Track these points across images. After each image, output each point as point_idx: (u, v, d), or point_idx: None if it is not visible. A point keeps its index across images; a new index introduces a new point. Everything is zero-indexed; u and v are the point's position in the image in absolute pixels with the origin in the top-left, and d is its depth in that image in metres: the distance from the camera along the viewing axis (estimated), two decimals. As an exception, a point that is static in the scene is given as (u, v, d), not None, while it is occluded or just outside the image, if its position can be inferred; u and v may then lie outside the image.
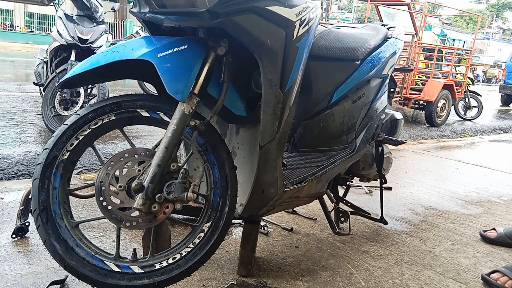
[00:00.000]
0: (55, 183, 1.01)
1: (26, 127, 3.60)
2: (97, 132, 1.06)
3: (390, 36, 1.77)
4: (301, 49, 1.13)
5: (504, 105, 11.45)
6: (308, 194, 1.44)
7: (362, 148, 1.61)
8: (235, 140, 1.36)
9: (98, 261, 1.03)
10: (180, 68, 1.02)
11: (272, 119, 1.12)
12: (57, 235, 1.00)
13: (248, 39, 1.02)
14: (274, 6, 1.02)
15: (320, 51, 1.44)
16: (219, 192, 1.15)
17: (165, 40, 1.03)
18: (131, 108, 1.08)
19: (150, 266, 1.07)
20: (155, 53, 0.99)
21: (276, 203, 1.28)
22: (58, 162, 1.01)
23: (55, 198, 1.01)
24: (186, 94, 1.02)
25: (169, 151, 1.02)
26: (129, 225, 1.04)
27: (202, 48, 1.06)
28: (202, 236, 1.14)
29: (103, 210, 1.02)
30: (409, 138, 5.12)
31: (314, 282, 1.43)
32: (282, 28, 1.06)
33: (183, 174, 1.05)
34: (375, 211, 1.99)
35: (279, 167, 1.20)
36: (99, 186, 1.02)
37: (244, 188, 1.22)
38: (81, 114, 1.04)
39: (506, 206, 2.52)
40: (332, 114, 1.53)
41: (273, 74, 1.08)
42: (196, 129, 1.08)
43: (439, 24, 36.90)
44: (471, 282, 1.54)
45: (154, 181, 1.01)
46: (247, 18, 0.98)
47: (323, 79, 1.50)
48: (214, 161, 1.14)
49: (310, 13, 1.14)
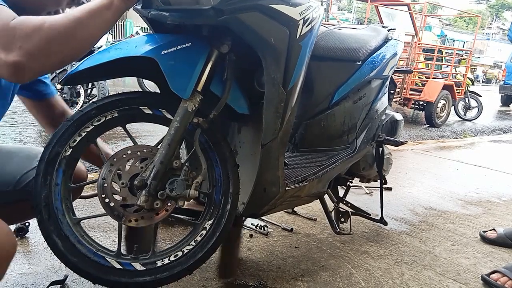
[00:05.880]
0: (57, 180, 1.01)
1: (26, 127, 3.60)
2: (100, 129, 1.06)
3: (391, 37, 1.77)
4: (304, 48, 1.13)
5: (504, 105, 11.45)
6: (309, 193, 1.45)
7: (362, 148, 1.62)
8: (237, 138, 1.36)
9: (99, 258, 1.02)
10: (183, 66, 1.02)
11: (275, 117, 1.12)
12: (59, 231, 1.00)
13: (252, 37, 1.02)
14: (278, 4, 1.03)
15: (322, 51, 1.44)
16: (221, 190, 1.15)
17: (168, 37, 1.03)
18: (134, 106, 1.08)
19: (152, 263, 1.07)
20: (158, 50, 0.99)
21: (277, 202, 1.28)
22: (60, 158, 1.01)
23: (57, 194, 1.01)
24: (190, 92, 1.02)
25: (171, 148, 1.02)
26: (131, 222, 1.04)
27: (205, 46, 1.06)
28: (204, 234, 1.13)
29: (105, 207, 1.02)
30: (409, 138, 5.12)
31: (314, 282, 1.43)
32: (286, 27, 1.07)
33: (186, 172, 1.05)
34: (375, 212, 1.99)
35: (281, 166, 1.20)
36: (101, 183, 1.02)
37: (245, 187, 1.22)
38: (84, 111, 1.03)
39: (506, 207, 2.52)
40: (333, 114, 1.54)
41: (276, 73, 1.08)
42: (198, 127, 1.08)
43: (439, 24, 36.93)
44: (471, 283, 1.54)
45: (156, 178, 1.01)
46: (252, 15, 0.99)
47: (324, 79, 1.50)
48: (216, 159, 1.14)
49: (313, 12, 1.15)
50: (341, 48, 1.51)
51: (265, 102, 1.10)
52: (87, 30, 0.91)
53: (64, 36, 0.86)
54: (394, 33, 1.81)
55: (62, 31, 0.86)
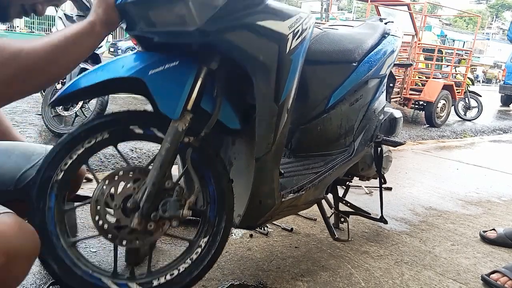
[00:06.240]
0: (50, 204, 0.99)
1: (26, 128, 3.60)
2: (91, 150, 1.04)
3: (388, 32, 1.73)
4: (295, 61, 1.11)
5: (504, 105, 11.45)
6: (306, 201, 1.44)
7: (360, 151, 1.60)
8: (231, 150, 1.33)
9: (96, 280, 1.02)
10: (172, 86, 0.99)
11: (268, 132, 1.10)
12: (54, 255, 0.99)
13: (240, 55, 1.00)
14: (266, 20, 0.99)
15: (316, 56, 1.42)
16: (215, 207, 1.14)
17: (155, 56, 1.01)
18: (124, 126, 1.06)
19: (148, 283, 1.07)
20: (145, 70, 0.97)
21: (274, 213, 1.26)
22: (52, 182, 0.99)
23: (51, 218, 0.99)
24: (179, 112, 1.00)
25: (163, 169, 1.00)
26: (126, 243, 1.03)
27: (194, 63, 1.03)
28: (200, 252, 1.13)
29: (99, 229, 1.01)
30: (409, 138, 5.12)
31: (314, 282, 1.43)
32: (275, 42, 1.04)
33: (178, 192, 1.03)
34: (375, 211, 1.99)
35: (276, 178, 1.18)
36: (94, 205, 1.00)
37: (241, 198, 1.21)
38: (74, 133, 1.02)
39: (506, 207, 2.52)
40: (330, 118, 1.52)
41: (266, 88, 1.06)
42: (190, 146, 1.06)
43: (439, 24, 36.92)
44: (471, 283, 1.54)
45: (149, 200, 0.99)
46: (238, 35, 0.96)
47: (319, 83, 1.48)
48: (209, 176, 1.13)
49: (303, 24, 1.11)
50: (336, 50, 1.49)
51: (257, 117, 1.08)
52: (67, 58, 0.89)
53: (42, 64, 0.85)
54: (392, 27, 1.77)
55: (40, 59, 0.84)
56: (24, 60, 0.83)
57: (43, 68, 0.86)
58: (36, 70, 0.85)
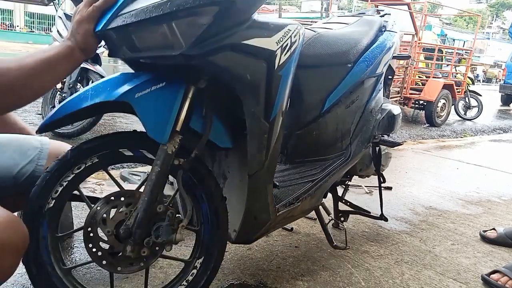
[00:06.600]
0: (43, 233, 0.97)
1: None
2: (81, 176, 1.01)
3: (385, 27, 1.68)
4: (284, 76, 1.06)
5: (504, 105, 11.45)
6: (302, 211, 1.41)
7: (357, 153, 1.56)
8: (224, 164, 1.30)
9: None
10: (159, 108, 0.96)
11: (259, 149, 1.07)
12: (50, 284, 0.97)
13: (226, 76, 0.96)
14: (252, 38, 0.95)
15: (310, 60, 1.38)
16: (209, 228, 1.13)
17: (141, 77, 0.98)
18: (113, 149, 1.04)
19: None
20: (132, 93, 0.93)
21: (270, 226, 1.25)
22: (44, 211, 0.97)
23: (44, 248, 0.98)
24: (167, 135, 0.97)
25: (154, 195, 0.99)
26: (121, 269, 1.02)
27: (181, 83, 0.99)
28: (195, 273, 1.12)
29: (93, 256, 1.00)
30: (409, 138, 5.12)
31: (314, 282, 1.43)
32: (263, 60, 1.00)
33: (170, 217, 1.01)
34: (375, 211, 1.98)
35: (270, 192, 1.16)
36: (87, 232, 0.99)
37: (236, 213, 1.18)
38: (62, 160, 0.99)
39: (506, 206, 2.52)
40: (325, 122, 1.49)
41: (256, 107, 1.02)
42: (180, 168, 1.03)
43: (439, 24, 36.90)
44: (471, 282, 1.54)
45: (141, 226, 0.98)
46: (224, 56, 0.92)
47: (314, 87, 1.45)
48: (202, 196, 1.11)
49: (292, 37, 1.06)
50: (330, 53, 1.45)
51: (248, 135, 1.05)
52: (42, 81, 0.87)
53: (15, 87, 0.83)
54: (389, 20, 1.72)
55: (13, 83, 0.82)
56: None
57: (16, 91, 0.84)
58: (9, 92, 0.83)
